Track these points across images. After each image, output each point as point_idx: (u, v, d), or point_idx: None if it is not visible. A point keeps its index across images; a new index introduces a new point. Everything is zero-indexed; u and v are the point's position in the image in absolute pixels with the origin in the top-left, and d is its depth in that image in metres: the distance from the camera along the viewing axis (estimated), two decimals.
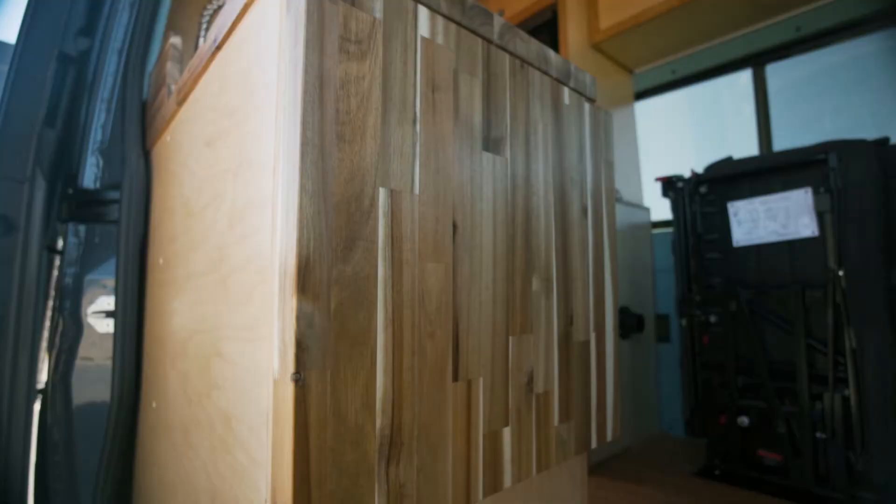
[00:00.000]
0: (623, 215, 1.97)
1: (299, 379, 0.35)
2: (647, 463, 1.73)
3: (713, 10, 1.68)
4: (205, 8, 1.22)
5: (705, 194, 1.68)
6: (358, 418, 0.39)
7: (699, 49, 1.95)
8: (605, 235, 0.71)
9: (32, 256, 0.87)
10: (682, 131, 2.32)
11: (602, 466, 1.69)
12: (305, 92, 0.37)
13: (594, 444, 0.65)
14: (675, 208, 1.73)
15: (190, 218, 0.69)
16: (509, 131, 0.55)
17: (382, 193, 0.41)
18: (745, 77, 1.98)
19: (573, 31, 1.86)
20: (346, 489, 0.37)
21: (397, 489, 0.41)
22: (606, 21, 1.85)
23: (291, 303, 0.36)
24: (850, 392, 1.34)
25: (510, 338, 0.53)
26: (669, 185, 1.74)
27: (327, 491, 0.37)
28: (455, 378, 0.46)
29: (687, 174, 1.72)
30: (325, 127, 0.38)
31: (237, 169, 0.51)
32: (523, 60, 0.61)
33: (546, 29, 1.89)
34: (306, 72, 0.37)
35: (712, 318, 1.63)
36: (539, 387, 0.56)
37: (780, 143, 1.96)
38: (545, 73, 0.64)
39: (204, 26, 1.21)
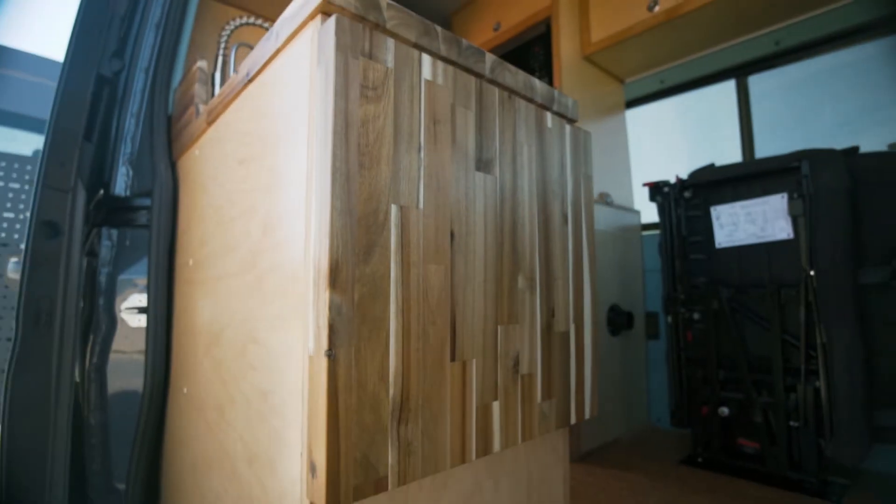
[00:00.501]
0: (614, 218, 2.07)
1: (331, 354, 0.45)
2: (634, 452, 1.83)
3: (696, 25, 1.78)
4: (223, 28, 1.32)
5: (690, 199, 1.78)
6: (375, 387, 0.49)
7: (686, 60, 2.05)
8: (584, 240, 0.81)
9: (74, 258, 0.97)
10: (673, 137, 2.42)
11: (592, 455, 1.79)
12: (335, 132, 0.47)
13: (573, 421, 0.75)
14: (662, 212, 1.83)
15: (220, 226, 0.79)
16: (498, 153, 0.66)
17: (394, 209, 0.52)
18: (730, 86, 2.08)
19: (566, 43, 1.96)
20: (366, 443, 0.48)
21: (406, 445, 0.51)
22: (597, 35, 1.96)
23: (325, 296, 0.46)
24: (821, 384, 1.44)
25: (499, 327, 0.63)
26: (656, 190, 1.84)
27: (352, 444, 0.47)
28: (452, 359, 0.57)
29: (674, 179, 1.82)
30: (349, 157, 0.48)
31: (270, 186, 0.61)
32: (511, 91, 0.71)
33: (540, 41, 1.99)
34: (335, 115, 0.47)
35: (696, 316, 1.73)
36: (524, 369, 0.67)
37: (764, 148, 2.06)
38: (531, 100, 0.74)
39: (222, 44, 1.31)
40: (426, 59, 0.57)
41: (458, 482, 0.63)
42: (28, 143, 2.75)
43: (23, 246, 1.00)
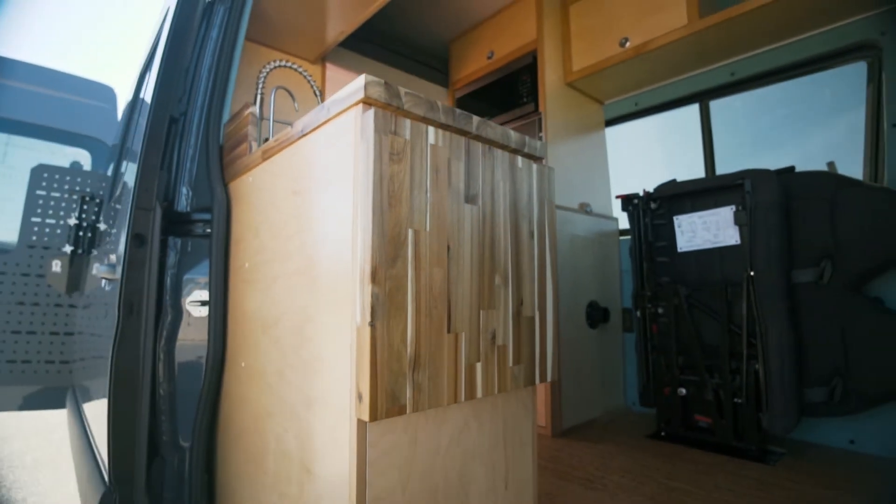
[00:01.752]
0: (593, 225, 2.35)
1: (373, 325, 0.73)
2: (609, 429, 2.11)
3: (661, 59, 2.06)
4: (260, 71, 1.59)
5: (655, 209, 2.06)
6: (398, 347, 0.76)
7: (655, 87, 2.32)
8: (547, 249, 1.08)
9: (154, 262, 1.24)
10: (648, 153, 2.70)
11: (572, 431, 2.07)
12: (374, 183, 0.75)
13: (537, 382, 1.02)
14: (632, 220, 2.11)
15: (276, 239, 1.06)
16: (481, 190, 0.93)
17: (410, 232, 0.79)
18: (694, 109, 2.36)
19: (550, 71, 2.23)
20: (392, 382, 0.75)
21: (417, 385, 0.78)
22: (578, 65, 2.23)
23: (368, 288, 0.73)
24: (759, 366, 1.71)
25: (481, 311, 0.91)
26: (627, 202, 2.12)
27: (384, 382, 0.74)
28: (448, 331, 0.84)
29: (642, 192, 2.09)
30: (382, 200, 0.76)
31: (321, 216, 0.88)
32: (491, 143, 0.98)
33: (528, 70, 2.26)
34: (374, 173, 0.75)
35: (660, 310, 2.01)
36: (499, 341, 0.94)
37: (728, 164, 2.33)
38: (506, 147, 1.02)
39: (261, 83, 1.58)
40: (430, 129, 0.84)
41: (452, 419, 0.90)
42: (66, 156, 3.03)
43: (113, 256, 1.27)
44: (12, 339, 2.67)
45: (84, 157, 3.02)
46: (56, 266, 2.76)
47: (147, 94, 1.46)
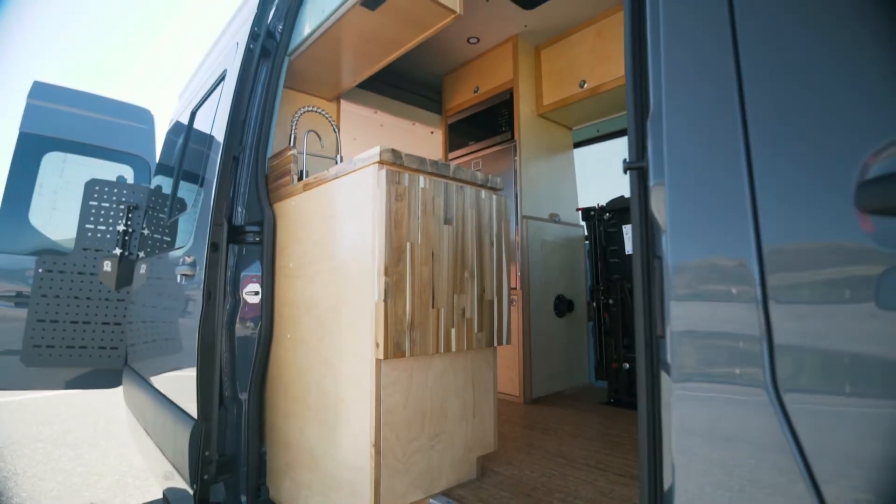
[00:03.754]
0: (562, 231, 2.83)
1: (385, 301, 1.20)
2: (570, 398, 2.59)
3: (610, 97, 2.53)
4: (293, 116, 2.07)
5: (608, 219, 2.53)
6: (401, 315, 1.24)
7: (610, 118, 2.80)
8: (504, 253, 1.56)
9: (223, 262, 1.71)
10: (610, 171, 3.18)
11: (540, 400, 2.54)
12: (385, 214, 1.22)
13: (495, 344, 1.50)
14: (589, 228, 2.58)
15: (316, 246, 1.54)
16: (455, 216, 1.41)
17: (408, 244, 1.27)
18: None
19: (524, 105, 2.71)
20: (398, 336, 1.23)
21: (413, 340, 1.26)
22: (547, 100, 2.71)
23: (382, 279, 1.21)
24: None
25: (454, 295, 1.38)
26: (586, 213, 2.59)
27: (392, 336, 1.22)
28: (433, 307, 1.32)
29: (598, 206, 2.57)
30: (390, 224, 1.23)
31: (349, 233, 1.35)
32: (463, 181, 1.46)
33: (506, 104, 2.74)
34: (385, 208, 1.23)
35: (610, 301, 2.48)
36: (468, 315, 1.42)
37: None
38: (473, 183, 1.49)
39: (295, 124, 2.05)
40: (421, 177, 1.32)
41: (435, 366, 1.38)
42: (112, 171, 3.50)
43: (188, 258, 1.75)
44: (71, 328, 3.14)
45: (128, 172, 3.50)
46: (107, 266, 3.26)
47: (200, 126, 1.94)
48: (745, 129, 0.51)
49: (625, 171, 0.67)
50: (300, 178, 1.80)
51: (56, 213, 3.32)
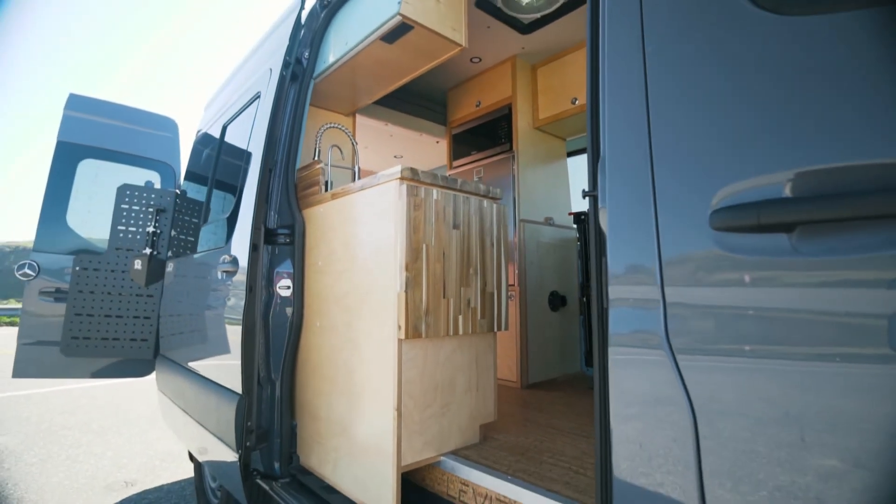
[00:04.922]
0: (556, 234, 3.11)
1: (406, 292, 1.48)
2: (563, 384, 2.87)
3: None
4: (318, 130, 2.35)
5: None
6: (418, 303, 1.52)
7: None
8: (503, 253, 1.84)
9: (261, 260, 1.99)
10: None
11: (535, 385, 2.82)
12: (406, 221, 1.50)
13: (496, 330, 1.78)
14: (579, 231, 2.86)
15: (343, 246, 1.81)
16: (462, 221, 1.69)
17: (424, 246, 1.55)
18: None
19: (522, 118, 2.99)
20: (416, 320, 1.51)
21: (429, 323, 1.54)
22: (543, 114, 2.99)
23: (403, 273, 1.49)
24: None
25: (461, 287, 1.66)
26: (577, 217, 2.87)
27: (412, 320, 1.50)
28: (444, 297, 1.60)
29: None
30: (409, 229, 1.51)
31: (375, 236, 1.63)
32: (468, 192, 1.74)
33: (505, 118, 3.02)
34: (406, 216, 1.51)
35: None
36: (472, 305, 1.70)
37: None
38: (477, 194, 1.77)
39: (319, 139, 2.33)
40: (435, 190, 1.60)
41: (446, 347, 1.65)
42: (141, 177, 3.78)
43: (226, 256, 2.03)
44: (105, 322, 3.42)
45: (155, 178, 3.77)
46: (137, 264, 3.54)
47: (232, 139, 2.22)
48: (653, 175, 0.78)
49: (583, 198, 0.94)
50: (327, 188, 2.08)
51: (91, 215, 3.60)
